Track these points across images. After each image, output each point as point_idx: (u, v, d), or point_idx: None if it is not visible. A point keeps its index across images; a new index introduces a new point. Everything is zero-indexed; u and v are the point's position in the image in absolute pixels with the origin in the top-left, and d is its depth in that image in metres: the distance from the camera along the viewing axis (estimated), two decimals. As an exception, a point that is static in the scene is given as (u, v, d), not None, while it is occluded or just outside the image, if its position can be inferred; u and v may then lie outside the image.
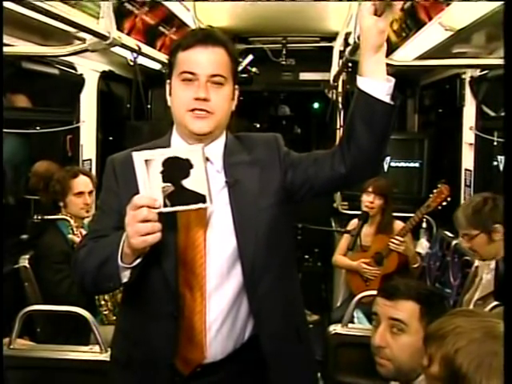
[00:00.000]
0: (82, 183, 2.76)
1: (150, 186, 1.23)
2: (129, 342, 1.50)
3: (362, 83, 1.32)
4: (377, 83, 1.31)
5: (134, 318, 1.51)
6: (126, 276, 1.32)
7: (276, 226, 1.47)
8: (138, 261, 1.30)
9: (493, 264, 2.42)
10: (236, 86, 1.48)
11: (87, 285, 1.43)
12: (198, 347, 1.42)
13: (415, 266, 3.26)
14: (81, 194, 2.74)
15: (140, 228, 1.21)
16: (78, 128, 3.22)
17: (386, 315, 1.51)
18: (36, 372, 2.10)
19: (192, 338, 1.42)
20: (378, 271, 3.31)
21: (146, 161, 1.22)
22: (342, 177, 1.42)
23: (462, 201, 3.16)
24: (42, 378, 2.10)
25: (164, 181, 1.24)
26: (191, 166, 1.23)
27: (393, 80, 1.33)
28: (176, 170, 1.24)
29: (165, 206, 1.24)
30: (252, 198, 1.44)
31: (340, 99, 4.43)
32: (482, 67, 2.94)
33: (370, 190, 3.31)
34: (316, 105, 6.54)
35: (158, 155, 1.23)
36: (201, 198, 1.25)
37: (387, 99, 1.31)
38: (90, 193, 2.78)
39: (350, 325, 2.52)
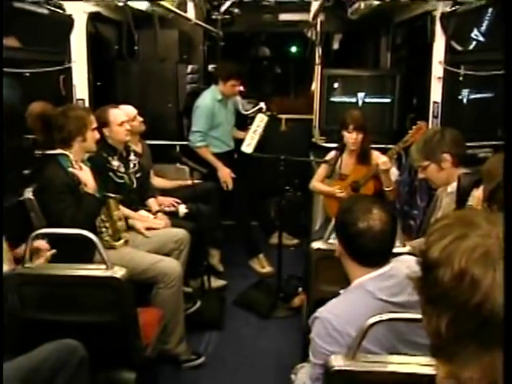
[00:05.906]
0: (94, 120, 2.96)
1: None
2: None
3: None
4: None
5: None
6: None
7: None
8: None
9: (449, 189, 2.69)
10: None
11: None
12: None
13: (389, 189, 3.40)
14: (95, 129, 2.95)
15: None
16: (70, 68, 3.31)
17: None
18: (48, 287, 2.31)
19: None
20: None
21: None
22: None
23: (430, 131, 3.39)
24: (54, 293, 2.30)
25: None
26: None
27: None
28: None
29: None
30: None
31: (318, 38, 4.60)
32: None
33: (351, 127, 3.43)
34: (294, 46, 6.67)
35: None
36: None
37: None
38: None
39: (330, 240, 2.80)
